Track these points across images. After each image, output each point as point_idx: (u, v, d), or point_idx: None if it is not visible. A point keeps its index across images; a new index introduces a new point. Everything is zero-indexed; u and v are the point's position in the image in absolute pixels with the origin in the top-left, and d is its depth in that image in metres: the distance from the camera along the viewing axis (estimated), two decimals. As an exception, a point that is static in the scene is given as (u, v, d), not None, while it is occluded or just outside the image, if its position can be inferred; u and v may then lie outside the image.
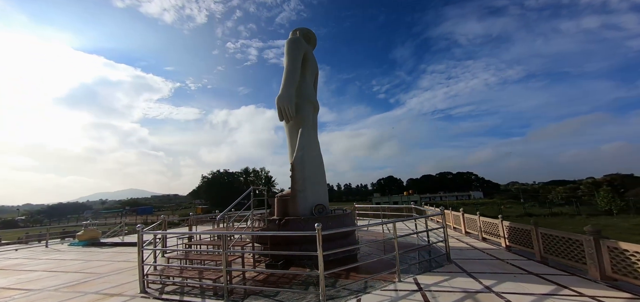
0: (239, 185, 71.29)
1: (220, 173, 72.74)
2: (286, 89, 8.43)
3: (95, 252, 10.23)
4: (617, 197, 37.39)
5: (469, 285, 4.50)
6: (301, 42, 9.43)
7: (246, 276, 6.03)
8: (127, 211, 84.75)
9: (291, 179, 8.13)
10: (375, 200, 55.85)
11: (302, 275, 5.82)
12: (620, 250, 3.97)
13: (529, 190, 67.88)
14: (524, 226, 6.47)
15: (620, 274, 3.97)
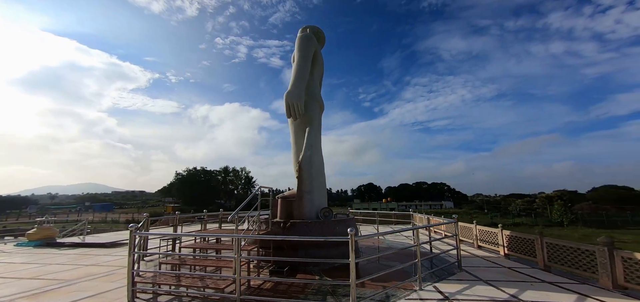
0: (216, 184, 67.88)
1: (197, 170, 68.73)
2: (296, 86, 8.08)
3: (51, 254, 8.74)
4: (568, 210, 41.91)
5: (492, 293, 4.46)
6: (313, 40, 9.15)
7: (251, 284, 5.45)
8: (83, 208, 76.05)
9: (298, 179, 7.69)
10: (355, 206, 56.60)
11: (313, 283, 5.41)
12: (635, 260, 4.19)
13: (491, 201, 73.61)
14: (527, 235, 6.72)
15: (633, 283, 4.19)
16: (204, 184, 67.05)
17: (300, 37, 9.10)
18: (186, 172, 68.27)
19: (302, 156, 7.88)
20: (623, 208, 50.81)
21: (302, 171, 7.75)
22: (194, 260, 5.51)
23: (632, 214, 45.33)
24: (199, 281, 4.76)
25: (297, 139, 8.91)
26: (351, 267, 3.91)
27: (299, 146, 8.83)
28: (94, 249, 9.43)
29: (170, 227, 11.29)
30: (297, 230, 6.92)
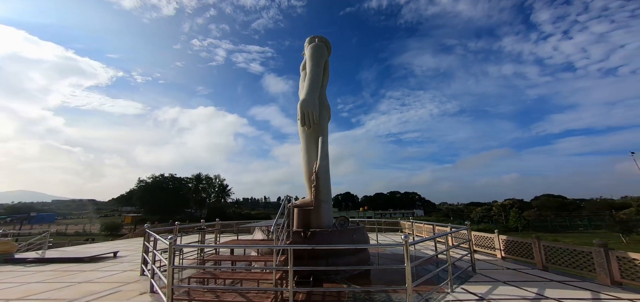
0: (187, 192, 63.05)
1: (165, 177, 63.29)
2: (311, 95, 8.19)
3: (20, 272, 7.38)
4: (521, 217, 47.24)
5: (519, 293, 4.89)
6: (324, 49, 9.36)
7: (285, 296, 5.22)
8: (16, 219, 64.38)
9: (315, 188, 7.63)
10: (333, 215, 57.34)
11: (347, 292, 5.37)
12: (628, 259, 4.98)
13: (455, 209, 79.89)
14: (524, 239, 7.51)
15: (628, 279, 4.96)
16: (172, 192, 61.89)
17: (313, 46, 9.24)
18: (151, 179, 62.39)
19: (318, 165, 7.87)
20: (560, 214, 59.18)
21: (320, 180, 7.73)
22: (222, 272, 5.12)
23: (569, 219, 53.15)
24: (239, 296, 4.45)
25: (309, 147, 8.90)
26: (407, 273, 4.00)
27: (310, 155, 8.82)
28: (72, 265, 8.17)
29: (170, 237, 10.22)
30: (318, 239, 6.85)
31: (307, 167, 8.83)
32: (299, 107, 8.11)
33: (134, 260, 8.96)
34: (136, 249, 11.46)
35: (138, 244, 13.40)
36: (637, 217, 35.48)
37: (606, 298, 4.42)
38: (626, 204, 50.22)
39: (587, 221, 51.42)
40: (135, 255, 9.98)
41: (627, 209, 41.04)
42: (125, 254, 10.10)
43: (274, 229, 4.96)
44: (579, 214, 56.61)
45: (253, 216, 58.98)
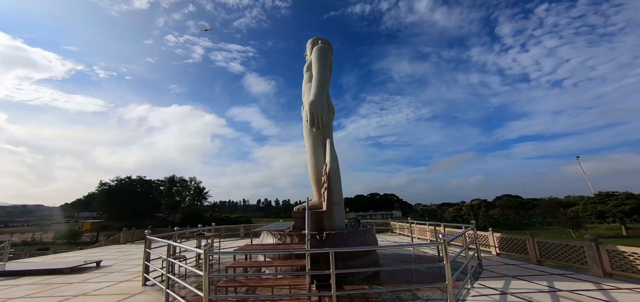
0: (158, 196, 58.69)
1: (132, 180, 58.41)
2: (320, 96, 8.18)
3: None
4: (489, 216, 51.42)
5: (532, 286, 5.28)
6: (330, 52, 9.36)
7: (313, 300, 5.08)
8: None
9: (327, 190, 7.57)
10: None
11: (371, 294, 5.39)
12: (618, 251, 5.66)
13: (429, 210, 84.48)
14: (519, 236, 8.16)
15: (618, 270, 5.62)
16: (141, 195, 57.30)
17: (320, 48, 9.22)
18: (116, 182, 57.21)
19: (329, 166, 7.82)
20: (519, 212, 65.68)
21: (332, 182, 7.68)
22: (249, 279, 4.84)
23: (527, 217, 59.15)
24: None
25: (316, 149, 8.83)
26: (447, 272, 4.11)
27: (318, 157, 8.76)
28: (51, 277, 7.12)
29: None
30: (334, 241, 6.78)
31: (315, 169, 8.73)
32: (308, 108, 8.01)
33: (125, 269, 8.11)
34: (121, 258, 10.40)
35: (117, 252, 12.16)
36: (583, 214, 40.52)
37: (608, 288, 4.96)
38: (572, 202, 57.01)
39: (541, 218, 57.67)
40: (123, 264, 9.04)
41: (574, 207, 46.63)
42: (110, 263, 9.10)
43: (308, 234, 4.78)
44: (534, 212, 63.26)
45: (232, 219, 56.71)
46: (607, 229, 37.85)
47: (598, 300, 4.34)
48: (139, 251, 12.37)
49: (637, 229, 35.64)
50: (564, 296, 4.55)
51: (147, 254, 6.32)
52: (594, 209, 39.55)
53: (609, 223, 37.92)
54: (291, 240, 7.03)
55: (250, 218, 70.09)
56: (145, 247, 6.31)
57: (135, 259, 10.00)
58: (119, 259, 10.06)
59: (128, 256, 11.06)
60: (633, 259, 5.38)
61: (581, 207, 42.43)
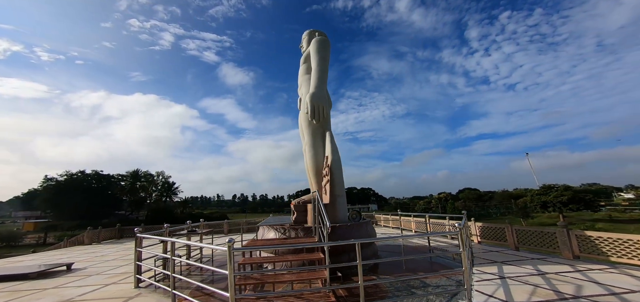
0: (118, 192, 53.34)
1: (86, 175, 52.27)
2: (320, 89, 8.16)
3: None
4: (455, 208, 56.08)
5: (520, 270, 5.87)
6: (330, 45, 9.26)
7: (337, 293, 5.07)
8: None
9: (330, 183, 7.57)
10: (293, 210, 57.21)
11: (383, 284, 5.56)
12: (585, 236, 6.55)
13: (402, 203, 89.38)
14: (499, 225, 9.02)
15: (585, 253, 6.52)
16: (97, 192, 51.61)
17: (320, 41, 9.10)
18: (65, 177, 50.67)
19: (331, 159, 7.82)
20: (478, 204, 72.89)
21: (334, 175, 7.69)
22: (265, 275, 4.66)
23: (485, 208, 65.85)
24: (296, 299, 4.13)
25: (316, 142, 8.76)
26: (463, 258, 4.38)
27: (317, 149, 8.70)
28: (17, 284, 6.09)
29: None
30: (340, 233, 6.83)
31: (315, 161, 8.66)
32: (309, 100, 7.90)
33: (104, 271, 7.28)
34: (93, 260, 9.30)
35: (85, 253, 10.85)
36: (530, 205, 46.27)
37: (583, 269, 5.73)
38: (520, 194, 64.69)
39: (496, 209, 64.59)
40: (98, 266, 8.09)
41: (523, 198, 52.97)
42: (83, 266, 8.08)
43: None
44: (491, 204, 70.56)
45: (206, 215, 53.85)
46: (548, 217, 43.63)
47: (580, 279, 5.00)
48: (111, 251, 11.19)
49: (572, 217, 41.76)
50: (552, 278, 5.16)
51: (138, 254, 5.73)
52: (539, 200, 45.30)
53: (549, 212, 43.76)
54: (296, 234, 6.92)
55: (225, 214, 67.37)
56: (136, 246, 5.71)
57: (112, 260, 9.03)
58: (91, 261, 8.98)
59: (100, 257, 9.92)
60: (598, 243, 6.29)
61: (529, 199, 48.33)
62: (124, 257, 9.69)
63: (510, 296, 4.30)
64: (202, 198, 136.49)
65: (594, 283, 4.69)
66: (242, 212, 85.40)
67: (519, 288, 4.62)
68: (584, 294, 4.19)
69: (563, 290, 4.40)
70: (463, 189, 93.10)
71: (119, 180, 56.08)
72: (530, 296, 4.19)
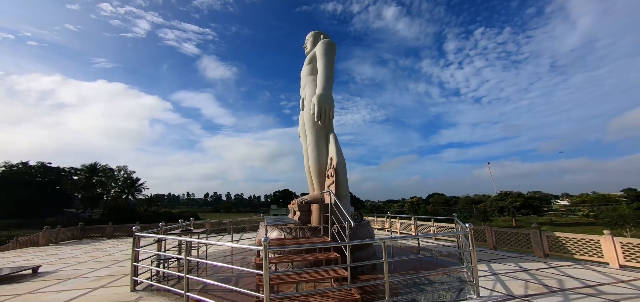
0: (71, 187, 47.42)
1: (29, 167, 45.79)
2: (328, 91, 8.33)
3: None
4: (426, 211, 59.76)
5: (509, 268, 6.56)
6: (336, 48, 9.44)
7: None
8: None
9: (335, 183, 7.70)
10: (273, 212, 55.81)
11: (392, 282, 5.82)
12: (554, 237, 7.54)
13: (377, 206, 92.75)
14: (478, 226, 9.94)
15: (554, 252, 7.50)
16: (43, 186, 45.44)
17: (327, 43, 9.25)
18: (3, 168, 43.77)
19: (336, 160, 7.97)
20: (445, 208, 78.78)
21: (339, 176, 7.84)
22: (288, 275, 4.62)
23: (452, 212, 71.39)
24: (321, 297, 4.17)
25: (319, 143, 8.85)
26: (473, 256, 4.82)
27: (320, 150, 8.79)
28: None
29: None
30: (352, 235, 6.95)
31: (318, 162, 8.73)
32: (316, 101, 7.99)
33: (82, 274, 6.55)
34: (60, 262, 8.25)
35: (47, 256, 9.55)
36: (490, 209, 51.18)
37: (556, 266, 6.60)
38: (480, 200, 71.23)
39: (460, 213, 70.25)
40: (70, 269, 7.21)
41: (483, 203, 58.40)
42: (52, 269, 7.15)
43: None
44: (456, 208, 76.56)
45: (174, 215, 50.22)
46: (503, 221, 48.63)
47: (557, 275, 5.77)
48: (77, 253, 10.03)
49: (522, 221, 47.09)
50: (534, 273, 5.88)
51: (135, 254, 5.29)
52: (497, 205, 50.31)
53: (505, 216, 48.84)
54: (303, 233, 6.92)
55: (196, 213, 63.55)
56: (134, 245, 5.26)
57: (84, 263, 8.11)
58: (59, 264, 7.97)
59: (67, 259, 8.83)
60: (565, 243, 7.29)
61: (488, 204, 53.41)
62: (98, 259, 8.76)
63: (509, 289, 4.82)
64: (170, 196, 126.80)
65: (569, 277, 5.46)
66: (216, 212, 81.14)
67: (513, 283, 5.20)
68: (567, 286, 4.87)
69: (549, 284, 5.06)
70: (433, 194, 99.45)
71: (70, 174, 49.88)
72: (526, 290, 4.75)
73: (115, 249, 10.88)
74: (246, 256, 8.50)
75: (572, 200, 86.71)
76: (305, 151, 10.15)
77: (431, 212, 64.59)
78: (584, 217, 49.84)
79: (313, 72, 9.64)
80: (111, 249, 10.87)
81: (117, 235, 14.66)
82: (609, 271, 5.90)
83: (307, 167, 9.97)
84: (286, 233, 7.00)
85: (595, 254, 6.64)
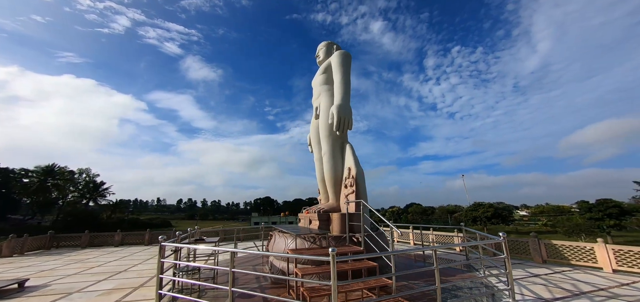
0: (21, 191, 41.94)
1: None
2: (347, 101, 8.52)
3: None
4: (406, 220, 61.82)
5: (519, 273, 7.08)
6: (351, 59, 9.67)
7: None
8: None
9: (356, 193, 7.75)
10: (254, 220, 53.87)
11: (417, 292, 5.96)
12: (551, 244, 8.25)
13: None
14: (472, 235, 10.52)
15: (552, 258, 8.20)
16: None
17: (345, 54, 9.45)
18: None
19: (356, 170, 8.06)
20: (422, 217, 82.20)
21: (358, 186, 7.93)
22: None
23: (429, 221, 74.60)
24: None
25: (335, 152, 8.91)
26: (507, 263, 5.10)
27: (336, 159, 8.85)
28: None
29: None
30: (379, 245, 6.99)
31: (334, 171, 8.74)
32: (336, 111, 8.09)
33: (82, 288, 5.78)
34: (41, 275, 7.21)
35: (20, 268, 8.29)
36: (464, 219, 54.44)
37: (558, 270, 7.21)
38: (454, 209, 75.45)
39: (437, 222, 73.75)
40: (60, 282, 6.34)
41: (458, 213, 62.04)
42: (39, 283, 6.23)
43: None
44: (433, 218, 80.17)
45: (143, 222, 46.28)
46: (476, 229, 52.01)
47: (567, 279, 6.31)
48: (57, 264, 8.87)
49: (493, 230, 50.71)
50: (547, 279, 6.37)
51: (161, 265, 4.84)
52: (471, 214, 53.70)
53: (477, 225, 52.24)
54: (327, 242, 6.83)
55: (167, 220, 59.33)
56: (160, 256, 4.83)
57: (74, 274, 7.20)
58: (43, 278, 6.96)
59: (51, 271, 7.76)
60: (561, 250, 8.01)
61: (463, 214, 56.82)
62: (88, 270, 7.83)
63: (536, 293, 5.18)
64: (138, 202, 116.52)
65: (580, 282, 6.00)
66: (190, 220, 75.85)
67: (535, 287, 5.59)
68: (583, 290, 5.35)
69: (566, 287, 5.52)
70: (411, 204, 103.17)
71: (20, 176, 44.11)
72: (552, 294, 5.14)
73: (100, 258, 9.80)
74: (257, 265, 8.13)
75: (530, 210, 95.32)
76: (317, 160, 10.10)
77: (411, 221, 67.05)
78: (544, 226, 54.93)
79: (328, 82, 9.73)
80: (95, 259, 9.77)
81: (96, 244, 13.21)
82: (607, 275, 6.59)
83: (319, 176, 9.91)
84: (310, 242, 6.86)
85: (590, 260, 7.39)
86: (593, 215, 36.42)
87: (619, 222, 34.52)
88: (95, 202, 50.22)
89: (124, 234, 13.62)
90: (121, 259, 9.70)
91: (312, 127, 10.47)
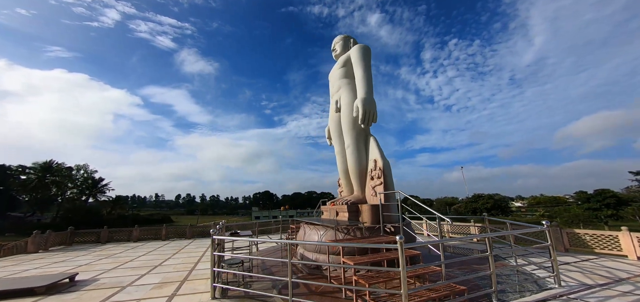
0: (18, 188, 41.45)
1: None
2: (370, 94, 8.51)
3: None
4: (404, 213, 62.67)
5: (536, 260, 7.28)
6: (371, 52, 9.63)
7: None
8: None
9: (384, 185, 7.83)
10: (254, 214, 54.00)
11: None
12: (574, 233, 8.47)
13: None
14: (497, 225, 10.75)
15: (573, 246, 8.42)
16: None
17: (365, 48, 9.41)
18: None
19: (382, 162, 8.12)
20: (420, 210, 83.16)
21: (386, 177, 8.01)
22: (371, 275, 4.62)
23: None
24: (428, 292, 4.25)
25: (359, 145, 8.95)
26: (552, 252, 5.25)
27: (360, 152, 8.89)
28: (18, 300, 4.35)
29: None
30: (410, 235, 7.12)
31: (358, 164, 8.80)
32: (361, 105, 8.08)
33: (130, 283, 5.80)
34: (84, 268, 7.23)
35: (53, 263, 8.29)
36: (464, 211, 55.32)
37: (584, 259, 7.42)
38: (451, 202, 76.41)
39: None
40: (106, 276, 6.37)
41: (457, 204, 62.88)
42: (88, 277, 6.26)
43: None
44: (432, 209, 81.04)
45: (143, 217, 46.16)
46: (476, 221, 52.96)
47: (597, 267, 6.50)
48: (92, 259, 8.87)
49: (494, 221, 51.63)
50: (578, 266, 6.55)
51: (215, 259, 4.89)
52: (470, 206, 54.55)
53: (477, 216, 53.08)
54: (361, 233, 6.93)
55: (168, 216, 59.27)
56: (213, 249, 4.87)
57: (114, 269, 7.24)
58: (87, 272, 6.97)
59: (89, 266, 7.77)
60: (585, 238, 8.23)
61: (463, 206, 57.67)
62: (125, 265, 7.88)
63: (578, 280, 5.35)
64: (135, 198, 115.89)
65: (610, 269, 6.20)
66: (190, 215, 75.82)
67: (572, 274, 5.76)
68: (621, 277, 5.53)
69: (603, 274, 5.70)
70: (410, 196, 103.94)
71: (18, 173, 43.49)
72: (592, 280, 5.31)
73: (127, 254, 9.83)
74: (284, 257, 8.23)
75: (525, 201, 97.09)
76: (338, 153, 10.13)
77: (411, 213, 67.65)
78: (541, 217, 56.16)
79: (347, 76, 9.70)
80: (123, 254, 9.80)
81: (115, 239, 13.26)
82: (634, 263, 6.81)
83: (342, 169, 9.96)
84: (344, 233, 6.95)
85: (614, 248, 7.61)
86: (591, 205, 37.26)
87: (617, 212, 35.38)
88: (95, 198, 49.93)
89: (141, 229, 13.63)
90: (147, 253, 9.72)
91: (331, 121, 10.46)
